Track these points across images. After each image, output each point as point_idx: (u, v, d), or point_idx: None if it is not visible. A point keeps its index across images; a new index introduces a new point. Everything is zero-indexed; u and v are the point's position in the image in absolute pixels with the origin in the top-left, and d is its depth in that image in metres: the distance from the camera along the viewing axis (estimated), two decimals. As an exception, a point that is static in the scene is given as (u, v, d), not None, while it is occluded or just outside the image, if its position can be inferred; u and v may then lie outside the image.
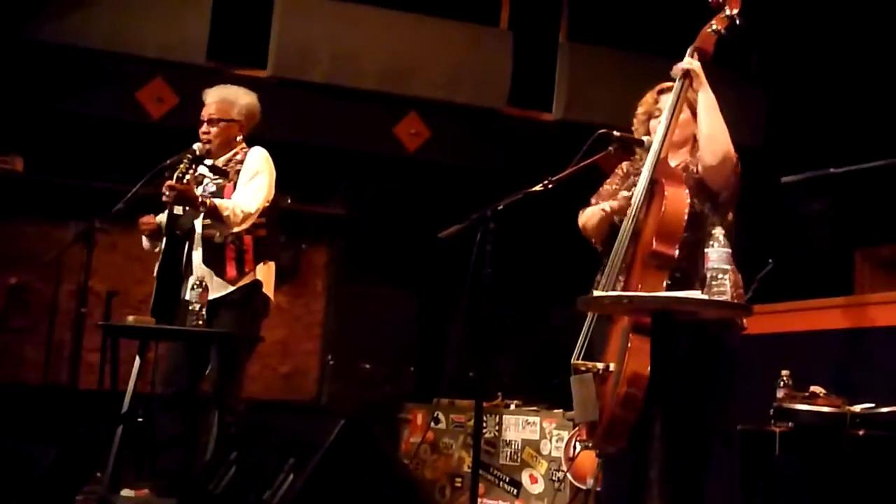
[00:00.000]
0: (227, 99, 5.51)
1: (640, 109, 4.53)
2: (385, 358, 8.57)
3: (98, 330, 5.71)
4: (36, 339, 7.80)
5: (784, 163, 8.08)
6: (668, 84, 4.42)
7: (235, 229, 5.21)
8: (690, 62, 4.19)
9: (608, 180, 4.59)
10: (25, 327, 7.87)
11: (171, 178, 5.20)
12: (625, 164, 4.58)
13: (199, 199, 5.14)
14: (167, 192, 5.14)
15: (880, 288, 8.23)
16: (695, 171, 4.24)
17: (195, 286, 5.03)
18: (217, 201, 5.17)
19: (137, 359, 5.21)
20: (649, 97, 4.51)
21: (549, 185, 4.48)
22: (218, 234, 5.24)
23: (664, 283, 3.93)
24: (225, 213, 5.15)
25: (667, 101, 4.36)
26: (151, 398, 5.41)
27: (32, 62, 7.74)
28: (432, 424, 7.11)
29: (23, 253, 7.83)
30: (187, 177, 5.21)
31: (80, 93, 7.82)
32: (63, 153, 7.91)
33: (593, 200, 4.54)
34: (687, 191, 4.05)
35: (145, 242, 5.52)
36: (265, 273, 5.36)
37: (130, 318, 5.17)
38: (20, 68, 7.71)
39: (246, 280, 5.28)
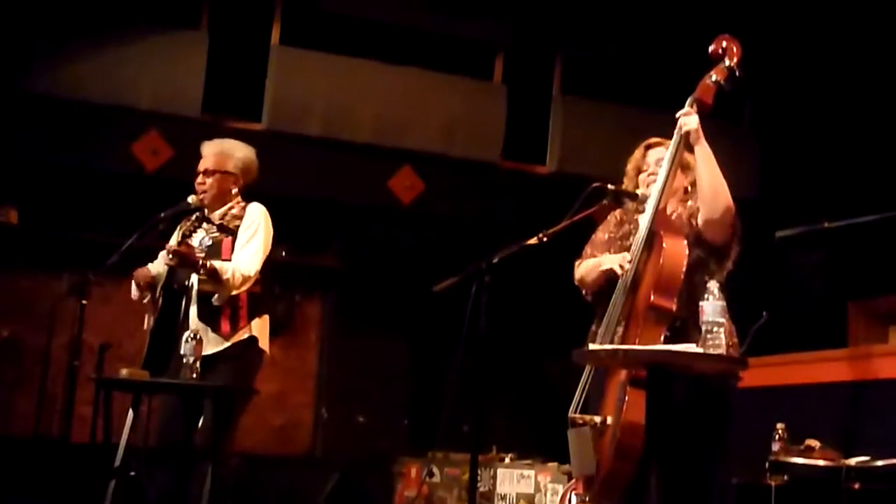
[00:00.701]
0: (223, 152, 5.49)
1: (629, 166, 4.53)
2: (379, 411, 8.55)
3: (91, 383, 5.68)
4: (28, 392, 7.76)
5: (778, 215, 8.12)
6: (655, 140, 4.44)
7: (234, 292, 5.19)
8: (689, 114, 4.18)
9: (601, 227, 4.58)
10: (17, 379, 7.84)
11: (167, 232, 5.20)
12: (617, 212, 4.57)
13: (200, 263, 5.12)
14: (169, 256, 5.14)
15: (874, 340, 8.24)
16: (694, 223, 4.24)
17: (189, 339, 5.00)
18: (217, 264, 5.14)
19: (131, 412, 5.17)
20: (637, 153, 4.51)
21: (545, 238, 4.48)
22: (217, 296, 5.21)
23: (662, 336, 3.92)
24: (225, 277, 5.13)
25: (654, 156, 4.38)
26: (144, 452, 5.36)
27: (27, 114, 7.77)
28: (427, 478, 7.08)
29: (16, 305, 7.81)
30: (195, 232, 5.22)
31: (74, 145, 7.85)
32: (57, 205, 7.92)
33: (588, 250, 4.54)
34: (685, 242, 4.06)
35: (134, 292, 5.49)
36: (260, 327, 5.34)
37: (124, 370, 5.14)
38: (15, 120, 7.74)
39: (240, 336, 5.25)
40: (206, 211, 5.39)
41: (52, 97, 7.78)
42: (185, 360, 4.95)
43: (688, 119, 4.17)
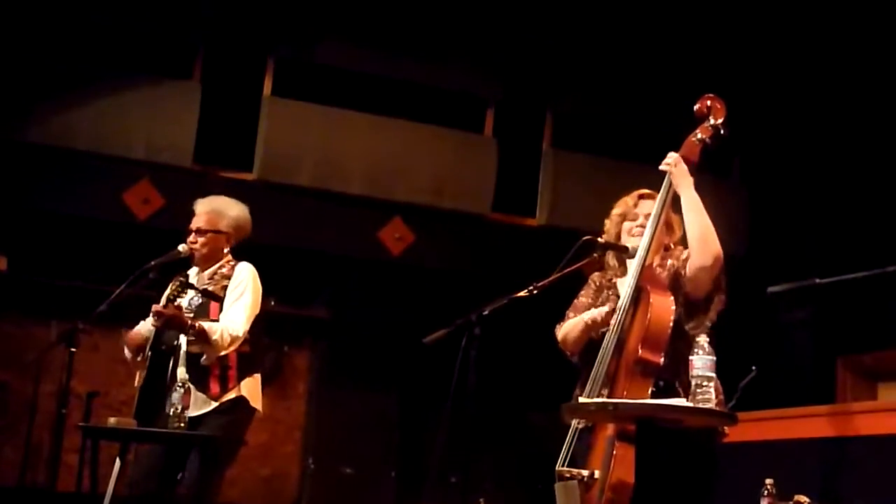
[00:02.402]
0: (216, 210, 5.47)
1: (616, 210, 4.53)
2: (367, 462, 8.51)
3: (78, 431, 5.65)
4: (14, 440, 7.72)
5: (767, 270, 8.14)
6: (648, 192, 4.45)
7: (223, 352, 5.16)
8: (676, 162, 4.21)
9: (582, 292, 4.58)
10: (4, 427, 7.80)
11: (158, 282, 5.19)
12: (596, 276, 4.58)
13: (188, 324, 5.10)
14: (155, 319, 5.11)
15: (862, 396, 8.24)
16: (682, 273, 4.23)
17: (177, 388, 4.98)
18: (206, 325, 5.11)
19: (118, 461, 5.14)
20: (629, 200, 4.51)
21: (535, 291, 4.49)
22: (205, 356, 5.18)
23: (649, 391, 3.92)
24: (214, 338, 5.09)
25: (644, 209, 4.39)
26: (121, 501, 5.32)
27: (19, 162, 7.79)
28: (414, 530, 7.04)
29: (4, 352, 7.79)
30: (180, 297, 5.19)
31: (66, 193, 7.85)
32: (48, 253, 7.92)
33: (570, 314, 4.53)
34: (672, 298, 4.06)
35: (127, 353, 5.45)
36: (251, 387, 5.28)
37: (112, 419, 5.13)
38: (7, 168, 7.75)
39: (229, 396, 5.20)
40: (189, 274, 5.36)
41: (43, 145, 7.80)
42: (173, 410, 4.94)
43: (676, 166, 4.20)
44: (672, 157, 4.25)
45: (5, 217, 7.79)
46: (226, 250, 5.43)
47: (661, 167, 4.25)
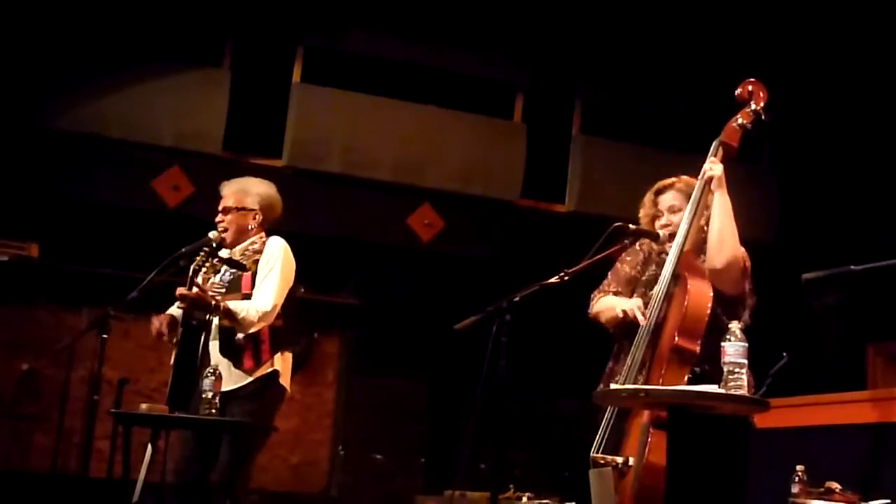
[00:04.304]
0: (242, 188, 5.47)
1: (642, 212, 4.54)
2: (396, 449, 8.52)
3: (109, 417, 5.68)
4: (46, 426, 7.74)
5: (796, 256, 8.10)
6: (665, 182, 4.45)
7: (253, 329, 5.16)
8: (713, 164, 4.20)
9: (628, 261, 4.55)
10: (36, 414, 7.83)
11: (188, 268, 5.21)
12: (646, 246, 4.55)
13: (214, 304, 5.10)
14: (181, 302, 5.13)
15: (892, 382, 8.20)
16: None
17: (209, 374, 4.99)
18: (231, 305, 5.11)
19: (149, 447, 5.15)
20: (647, 200, 4.51)
21: (566, 277, 4.47)
22: (238, 335, 5.18)
23: (686, 378, 3.91)
24: (241, 316, 5.09)
25: (665, 203, 4.41)
26: (162, 488, 5.34)
27: (49, 150, 7.83)
28: (443, 517, 7.05)
29: (36, 339, 7.82)
30: (204, 268, 5.20)
31: (96, 180, 7.90)
32: (78, 240, 7.95)
33: (612, 285, 4.52)
34: (710, 284, 4.04)
35: (164, 337, 5.46)
36: (282, 363, 5.30)
37: (143, 405, 5.15)
38: (37, 156, 7.80)
39: (263, 370, 5.20)
40: (216, 248, 5.36)
41: (74, 133, 7.84)
42: (204, 396, 4.95)
43: (713, 166, 4.19)
44: (713, 162, 4.23)
45: (36, 205, 7.84)
46: (252, 226, 5.42)
47: (707, 172, 4.23)
